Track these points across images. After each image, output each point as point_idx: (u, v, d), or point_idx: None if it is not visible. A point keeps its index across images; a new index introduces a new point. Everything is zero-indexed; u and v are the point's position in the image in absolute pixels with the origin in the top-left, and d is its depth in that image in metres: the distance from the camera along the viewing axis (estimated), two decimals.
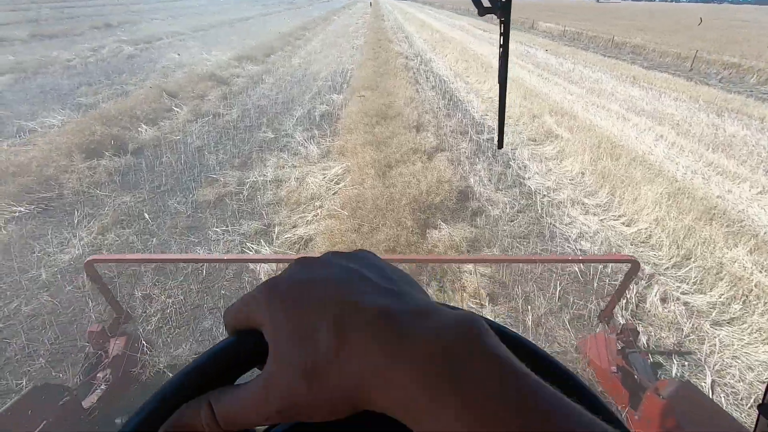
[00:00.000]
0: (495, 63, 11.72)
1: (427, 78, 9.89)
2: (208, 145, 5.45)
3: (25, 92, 7.95)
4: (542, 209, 4.08)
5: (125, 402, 1.83)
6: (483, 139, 5.93)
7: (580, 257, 1.94)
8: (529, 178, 4.74)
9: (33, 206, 3.81)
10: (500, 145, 0.92)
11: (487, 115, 7.17)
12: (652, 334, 2.61)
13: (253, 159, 5.00)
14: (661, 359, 2.44)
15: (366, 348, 0.21)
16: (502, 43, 0.74)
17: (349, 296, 0.23)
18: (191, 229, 3.61)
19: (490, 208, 4.00)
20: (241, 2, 52.14)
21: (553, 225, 3.81)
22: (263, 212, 3.85)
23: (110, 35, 16.47)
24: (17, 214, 3.68)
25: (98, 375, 1.81)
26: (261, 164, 4.84)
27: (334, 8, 43.05)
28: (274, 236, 3.37)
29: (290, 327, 0.23)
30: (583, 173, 4.81)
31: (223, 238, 3.42)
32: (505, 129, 6.05)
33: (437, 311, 0.23)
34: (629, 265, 1.72)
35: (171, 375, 0.37)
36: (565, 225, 3.82)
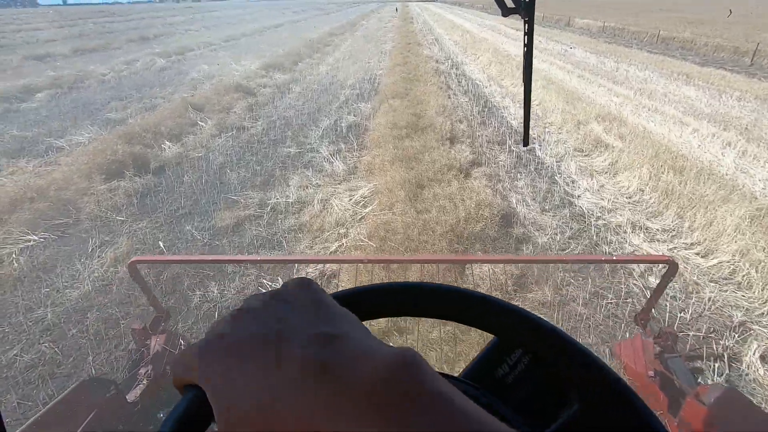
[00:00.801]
0: (534, 65, 11.11)
1: (459, 82, 9.42)
2: (230, 162, 5.22)
3: (60, 108, 8.07)
4: (598, 235, 3.56)
5: (166, 397, 1.91)
6: (523, 150, 5.42)
7: (614, 257, 1.78)
8: (579, 196, 4.21)
9: (47, 234, 3.65)
10: (526, 142, 0.91)
11: None
12: (761, 401, 2.08)
13: (276, 177, 4.72)
14: (702, 364, 2.26)
15: (304, 400, 0.21)
16: (526, 42, 0.75)
17: (285, 350, 0.23)
18: None
19: (536, 234, 3.52)
20: (272, 10, 53.17)
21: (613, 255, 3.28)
22: (283, 240, 3.54)
23: (145, 48, 16.90)
24: (31, 243, 3.52)
25: (141, 371, 1.89)
26: (283, 183, 4.55)
27: (363, 12, 43.08)
28: (295, 271, 3.04)
29: (228, 384, 0.23)
30: (642, 190, 4.24)
31: (239, 271, 3.12)
32: (549, 138, 5.41)
33: (372, 353, 0.23)
34: (666, 266, 1.66)
35: None
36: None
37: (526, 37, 0.74)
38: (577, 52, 13.81)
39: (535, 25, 0.76)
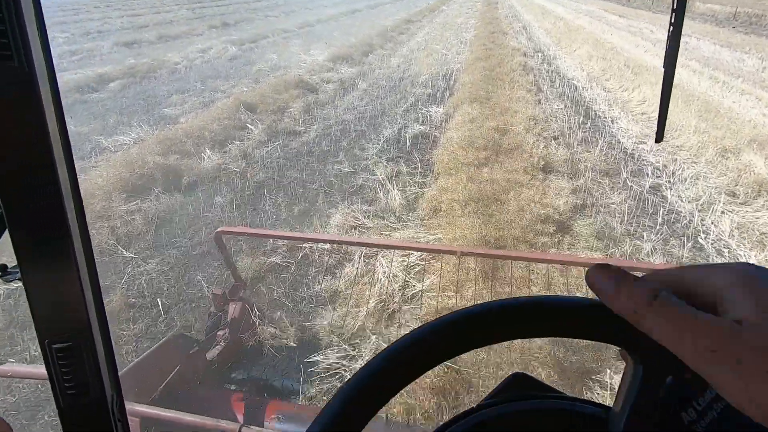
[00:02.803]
0: (644, 61, 9.16)
1: (552, 83, 7.89)
2: (270, 180, 4.45)
3: (124, 100, 7.92)
4: None
5: (239, 359, 2.06)
6: (646, 188, 4.02)
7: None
8: None
9: None
10: (659, 138, 0.75)
11: (644, 142, 5.11)
12: None
13: (317, 207, 3.85)
14: None
15: None
16: (673, 20, 0.62)
17: None
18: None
19: None
20: None
21: None
22: (308, 313, 2.64)
23: (224, 35, 17.01)
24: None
25: (218, 333, 2.03)
26: (324, 218, 3.66)
27: None
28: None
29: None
30: None
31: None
32: (681, 171, 3.90)
33: None
34: None
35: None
36: None
37: (674, 14, 0.61)
38: (703, 45, 11.35)
39: (641, 11, 0.35)
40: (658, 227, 3.41)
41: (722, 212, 3.55)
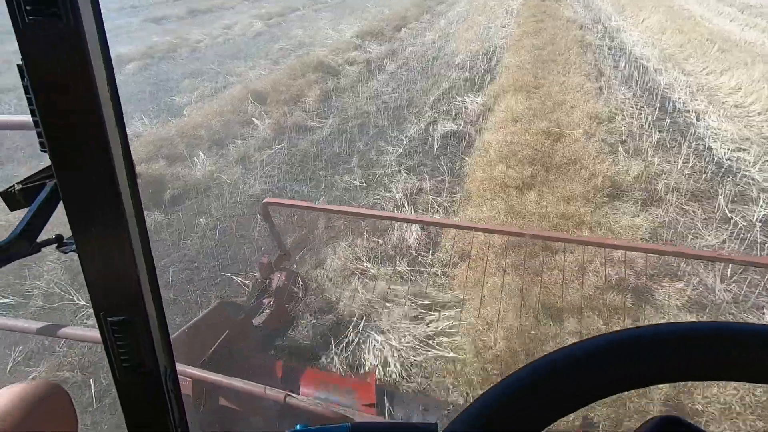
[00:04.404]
0: (731, 33, 7.56)
1: (615, 64, 6.59)
2: (266, 194, 3.73)
3: (136, 85, 7.40)
4: None
5: (284, 327, 2.21)
6: (755, 222, 2.97)
7: None
8: None
9: None
10: None
11: (744, 149, 3.95)
12: None
13: (316, 236, 3.09)
14: None
15: None
16: None
17: None
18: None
19: None
20: None
21: None
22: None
23: (255, 8, 16.22)
24: None
25: (264, 301, 2.11)
26: (318, 255, 2.91)
27: None
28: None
29: None
30: None
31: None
32: None
33: None
34: None
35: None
36: None
37: None
38: None
39: None
40: None
41: None
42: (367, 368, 2.05)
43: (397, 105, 5.63)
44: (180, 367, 1.30)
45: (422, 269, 2.71)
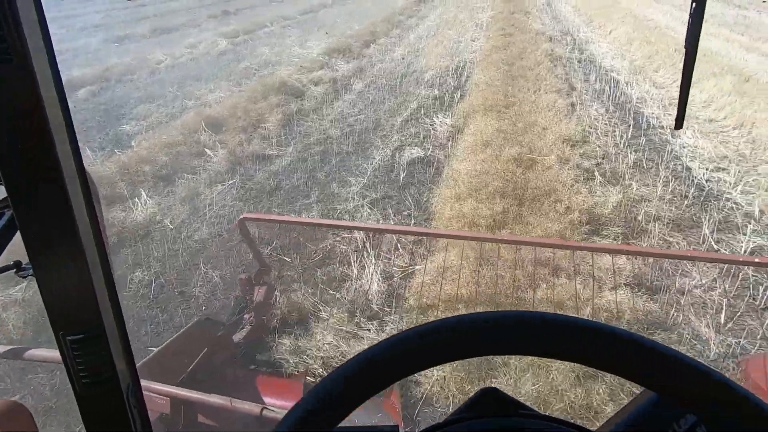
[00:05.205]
0: (700, 44, 7.56)
1: (586, 77, 6.46)
2: (212, 241, 3.34)
3: (86, 113, 6.91)
4: None
5: (264, 342, 2.15)
6: (743, 251, 2.74)
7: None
8: None
9: None
10: (678, 125, 0.71)
11: (723, 168, 3.77)
12: None
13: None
14: None
15: None
16: None
17: None
18: None
19: None
20: None
21: None
22: None
23: (222, 25, 15.83)
24: None
25: (245, 316, 2.10)
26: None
27: None
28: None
29: None
30: None
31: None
32: None
33: None
34: None
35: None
36: None
37: None
38: (765, 19, 9.55)
39: None
40: None
41: None
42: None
43: (363, 128, 5.32)
44: (157, 386, 1.33)
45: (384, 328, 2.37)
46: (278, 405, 1.58)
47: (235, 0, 26.31)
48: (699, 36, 0.61)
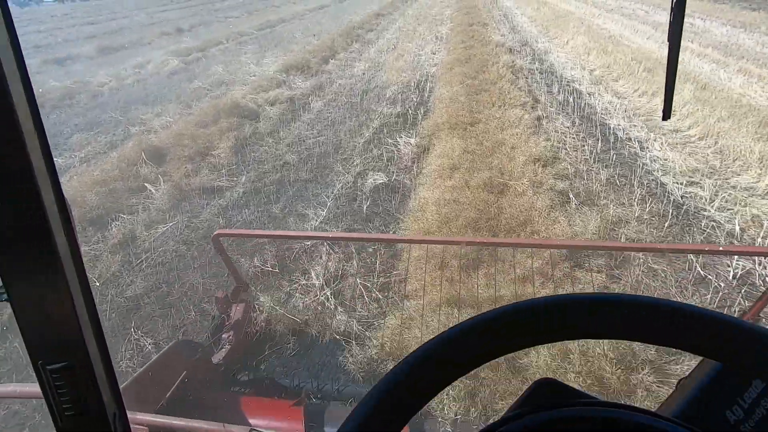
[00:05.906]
0: (652, 52, 7.69)
1: (549, 89, 6.38)
2: (146, 297, 2.87)
3: None
4: None
5: (244, 361, 2.06)
6: (731, 277, 2.55)
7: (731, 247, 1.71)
8: None
9: None
10: (666, 116, 0.73)
11: (696, 182, 3.65)
12: None
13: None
14: None
15: None
16: None
17: None
18: None
19: None
20: None
21: None
22: None
23: (175, 42, 15.15)
24: None
25: (223, 335, 2.00)
26: None
27: None
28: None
29: None
30: None
31: None
32: None
33: None
34: None
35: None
36: None
37: None
38: (713, 27, 9.92)
39: None
40: None
41: None
42: None
43: (322, 151, 4.96)
44: (132, 414, 1.24)
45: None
46: (264, 425, 1.56)
47: (191, 17, 25.57)
48: (681, 29, 0.61)
